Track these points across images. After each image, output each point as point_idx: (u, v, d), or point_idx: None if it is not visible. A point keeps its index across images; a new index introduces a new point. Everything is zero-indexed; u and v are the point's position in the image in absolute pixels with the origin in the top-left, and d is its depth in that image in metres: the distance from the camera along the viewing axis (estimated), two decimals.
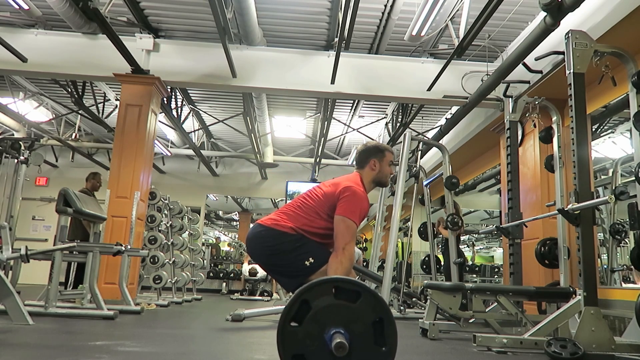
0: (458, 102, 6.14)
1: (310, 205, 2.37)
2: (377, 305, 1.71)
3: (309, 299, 1.69)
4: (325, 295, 1.70)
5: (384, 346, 1.69)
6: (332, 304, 1.69)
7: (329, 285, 1.72)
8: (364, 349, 1.65)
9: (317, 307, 1.68)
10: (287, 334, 1.67)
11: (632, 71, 3.50)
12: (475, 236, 19.73)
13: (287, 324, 1.67)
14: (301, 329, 1.67)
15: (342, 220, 2.26)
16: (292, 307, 1.68)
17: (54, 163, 11.44)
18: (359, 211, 2.31)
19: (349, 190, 2.33)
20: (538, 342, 3.03)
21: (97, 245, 4.57)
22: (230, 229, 22.40)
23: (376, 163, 2.49)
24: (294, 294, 1.72)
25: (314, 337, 1.66)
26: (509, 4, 5.04)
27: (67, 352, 2.39)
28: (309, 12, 5.74)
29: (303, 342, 1.66)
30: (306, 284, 1.75)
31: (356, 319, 1.67)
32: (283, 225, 2.31)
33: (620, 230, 5.30)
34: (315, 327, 1.66)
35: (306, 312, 1.68)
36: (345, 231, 2.24)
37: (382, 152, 2.52)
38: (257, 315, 4.71)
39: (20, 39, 5.94)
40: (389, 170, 2.55)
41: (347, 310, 1.68)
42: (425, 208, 7.08)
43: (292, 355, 1.66)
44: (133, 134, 5.81)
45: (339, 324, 1.65)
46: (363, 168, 2.51)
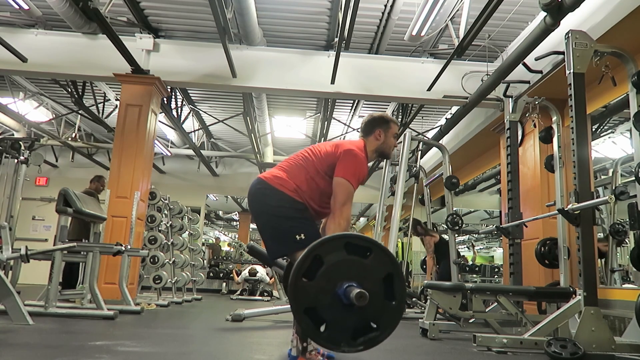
0: (458, 102, 6.14)
1: (312, 160, 2.36)
2: (387, 261, 1.76)
3: (322, 254, 1.72)
4: (337, 251, 1.73)
5: (394, 300, 1.74)
6: (344, 259, 1.73)
7: (340, 241, 1.76)
8: (375, 303, 1.69)
9: (330, 263, 1.72)
10: (299, 288, 1.70)
11: (632, 71, 3.50)
12: (475, 236, 19.72)
13: (300, 279, 1.70)
14: (313, 283, 1.70)
15: (340, 182, 2.26)
16: (304, 262, 1.71)
17: (54, 163, 11.44)
18: (357, 174, 2.30)
19: (350, 152, 2.32)
20: (538, 342, 3.03)
21: (97, 245, 4.58)
22: (230, 229, 22.39)
23: (381, 133, 2.49)
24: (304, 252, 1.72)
25: (326, 291, 1.70)
26: (509, 4, 5.04)
27: (67, 352, 2.39)
28: (309, 12, 5.74)
29: (315, 296, 1.71)
30: (319, 240, 1.78)
31: (367, 274, 1.71)
32: (287, 188, 2.29)
33: (620, 230, 5.29)
34: (328, 281, 1.70)
35: (318, 267, 1.71)
36: (343, 193, 2.24)
37: (387, 124, 2.52)
38: (257, 315, 4.71)
39: (20, 39, 5.94)
40: (393, 142, 2.55)
41: (359, 265, 1.72)
42: (425, 208, 7.10)
43: (305, 309, 1.70)
44: (133, 134, 5.81)
45: (350, 278, 1.69)
46: (368, 137, 2.51)
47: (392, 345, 3.47)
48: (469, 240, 21.07)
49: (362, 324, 1.72)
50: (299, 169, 2.35)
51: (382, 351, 3.17)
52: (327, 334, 1.70)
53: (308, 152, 2.42)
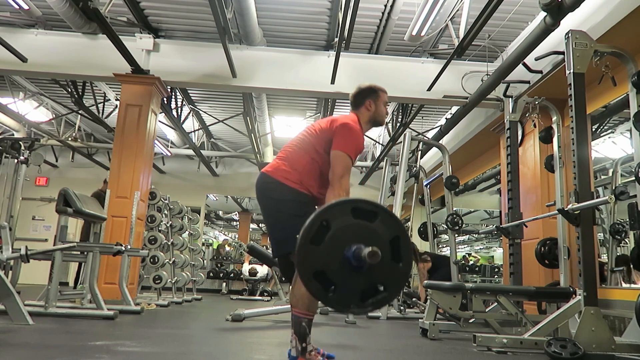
0: (458, 102, 6.14)
1: (310, 141, 2.37)
2: (393, 224, 1.80)
3: (329, 219, 1.75)
4: (344, 215, 1.77)
5: (401, 262, 1.78)
6: (351, 223, 1.76)
7: (347, 206, 1.79)
8: (382, 265, 1.72)
9: (337, 227, 1.75)
10: (307, 253, 1.73)
11: (632, 71, 3.50)
12: (475, 236, 19.72)
13: (307, 244, 1.73)
14: (321, 248, 1.73)
15: (337, 154, 2.27)
16: (311, 227, 1.74)
17: (54, 163, 11.44)
18: (354, 146, 2.31)
19: (346, 125, 2.34)
20: (538, 342, 3.03)
21: (97, 245, 4.58)
22: (230, 229, 22.39)
23: (372, 103, 2.51)
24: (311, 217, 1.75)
25: (334, 254, 1.73)
26: (509, 4, 5.04)
27: (67, 352, 2.39)
28: (309, 12, 5.74)
29: (324, 259, 1.73)
30: (325, 205, 1.81)
31: (374, 237, 1.73)
32: (291, 180, 2.29)
33: (620, 230, 5.29)
34: (336, 245, 1.73)
35: (325, 232, 1.74)
36: (340, 165, 2.25)
37: (376, 93, 2.54)
38: (257, 315, 4.71)
39: (20, 39, 5.94)
40: (385, 110, 2.58)
41: (366, 229, 1.75)
42: (425, 208, 7.10)
43: (314, 273, 1.72)
44: (133, 134, 5.81)
45: (358, 242, 1.71)
46: (359, 109, 2.52)
47: (392, 345, 3.48)
48: (470, 241, 21.07)
49: (370, 286, 1.76)
50: (300, 153, 2.36)
51: (382, 351, 3.17)
52: (336, 297, 1.74)
53: (305, 133, 2.44)
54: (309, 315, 2.15)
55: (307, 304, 2.14)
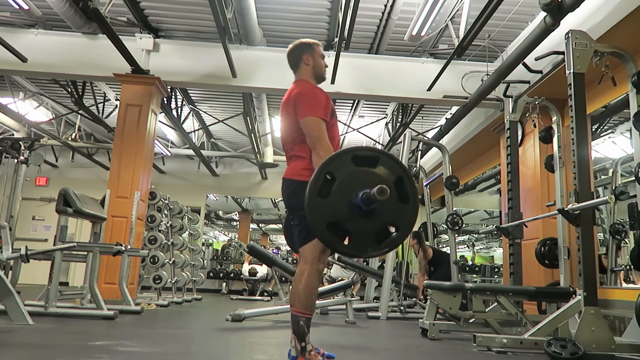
0: (458, 102, 6.14)
1: (292, 128, 2.35)
2: (395, 166, 1.84)
3: (332, 171, 1.79)
4: (346, 165, 1.81)
5: (407, 202, 1.82)
6: (355, 171, 1.80)
7: (348, 155, 1.83)
8: (391, 206, 1.77)
9: (341, 177, 1.79)
10: (316, 206, 1.76)
11: (632, 71, 3.50)
12: (475, 236, 19.72)
13: (315, 198, 1.76)
14: (330, 199, 1.77)
15: (305, 122, 2.23)
16: (317, 180, 1.78)
17: (54, 163, 11.43)
18: (316, 104, 2.26)
19: (299, 93, 2.33)
20: (538, 342, 3.03)
21: (97, 245, 4.58)
22: (230, 229, 22.39)
23: (309, 58, 2.52)
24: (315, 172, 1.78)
25: (343, 204, 1.77)
26: (509, 4, 5.04)
27: (67, 352, 2.39)
28: (309, 12, 5.74)
29: (334, 210, 1.77)
30: (326, 159, 1.83)
31: (379, 181, 1.75)
32: (301, 174, 2.23)
33: (620, 230, 5.29)
34: (343, 194, 1.77)
35: (331, 184, 1.78)
36: (312, 129, 2.20)
37: (310, 46, 2.55)
38: (257, 315, 4.71)
39: (20, 39, 5.94)
40: (323, 63, 2.57)
41: (370, 174, 1.79)
42: (425, 208, 7.10)
43: (327, 224, 1.76)
44: (133, 134, 5.81)
45: (364, 188, 1.74)
46: (299, 69, 2.53)
47: (392, 345, 3.48)
48: (469, 240, 21.06)
49: (382, 228, 1.80)
50: (296, 143, 2.34)
51: (383, 351, 3.17)
52: (352, 244, 1.79)
53: (284, 128, 2.42)
54: (307, 314, 2.15)
55: (304, 303, 2.13)
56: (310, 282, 2.15)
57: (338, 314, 5.97)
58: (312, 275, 2.16)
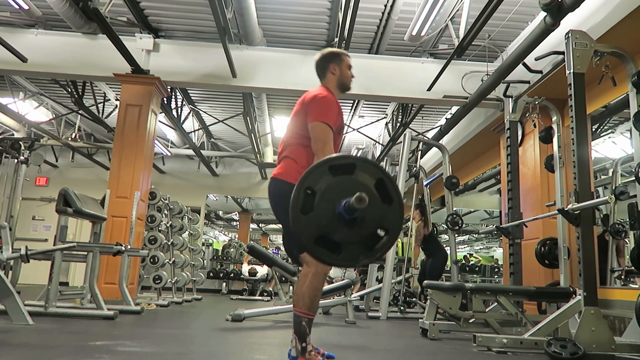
0: (458, 102, 6.14)
1: (295, 130, 2.36)
2: (373, 170, 1.82)
3: (311, 185, 1.77)
4: (324, 176, 1.79)
5: (392, 202, 1.80)
6: (333, 181, 1.78)
7: (323, 167, 1.81)
8: (375, 211, 1.75)
9: (321, 190, 1.77)
10: (302, 223, 1.75)
11: (632, 71, 3.50)
12: (475, 236, 19.72)
13: (299, 215, 1.75)
14: (314, 214, 1.75)
15: (314, 125, 2.26)
16: (297, 198, 1.76)
17: (54, 163, 11.43)
18: (329, 112, 2.29)
19: (314, 98, 2.34)
20: (538, 342, 3.03)
21: (97, 245, 4.57)
22: (230, 229, 22.39)
23: (335, 67, 2.50)
24: (295, 186, 1.76)
25: (328, 216, 1.75)
26: (509, 4, 5.04)
27: (67, 352, 2.39)
28: (309, 12, 5.74)
29: (320, 224, 1.75)
30: (303, 174, 1.81)
31: (359, 187, 1.74)
32: (293, 176, 2.22)
33: (620, 230, 5.29)
34: (326, 207, 1.75)
35: (312, 198, 1.76)
36: (320, 134, 2.23)
37: (338, 56, 2.53)
38: (257, 315, 4.71)
39: (20, 39, 5.94)
40: (349, 74, 2.57)
41: (348, 182, 1.78)
42: (426, 208, 7.08)
43: (315, 240, 1.74)
44: (133, 134, 5.81)
45: (345, 196, 1.73)
46: (325, 76, 2.52)
47: (392, 346, 3.48)
48: (469, 241, 21.07)
49: (370, 233, 1.78)
50: (294, 145, 2.35)
51: (383, 351, 3.17)
52: (343, 255, 1.77)
53: (290, 127, 2.43)
54: (310, 315, 2.15)
55: (307, 304, 2.14)
56: (315, 283, 2.15)
57: (337, 314, 5.97)
58: (317, 277, 2.16)
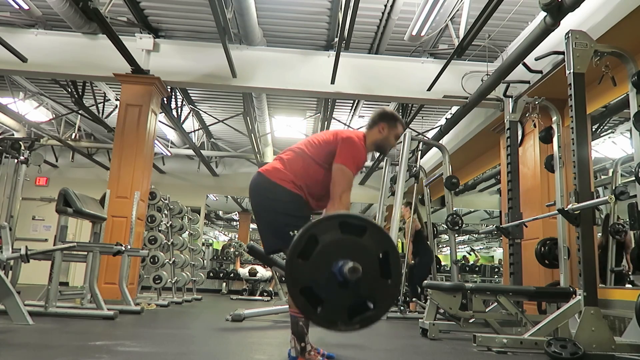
0: (458, 102, 6.14)
1: (309, 151, 2.37)
2: (382, 240, 1.76)
3: (317, 234, 1.72)
4: (332, 230, 1.73)
5: (389, 278, 1.73)
6: (339, 238, 1.73)
7: (335, 221, 1.76)
8: (370, 281, 1.68)
9: (325, 242, 1.71)
10: (295, 268, 1.70)
11: (632, 71, 3.50)
12: (475, 236, 19.72)
13: (295, 259, 1.70)
14: (309, 263, 1.70)
15: (339, 168, 2.26)
16: (300, 242, 1.71)
17: (54, 163, 11.43)
18: (357, 160, 2.31)
19: (349, 139, 2.33)
20: (538, 342, 3.03)
21: (97, 245, 4.57)
22: (230, 229, 22.39)
23: (385, 128, 2.48)
24: (299, 232, 1.73)
25: (322, 270, 1.69)
26: (509, 4, 5.04)
27: (67, 352, 2.39)
28: (309, 12, 5.74)
29: (312, 275, 1.70)
30: (314, 220, 1.78)
31: (363, 253, 1.70)
32: (285, 180, 2.30)
33: (620, 230, 5.29)
34: (323, 260, 1.69)
35: (314, 247, 1.71)
36: (342, 179, 2.25)
37: (394, 121, 2.51)
38: (257, 315, 4.71)
39: (20, 39, 5.94)
40: (393, 142, 2.55)
41: (354, 244, 1.72)
42: (425, 208, 7.09)
43: (301, 289, 1.69)
44: (133, 134, 5.81)
45: (346, 257, 1.68)
46: (371, 128, 2.51)
47: (392, 345, 3.48)
48: (469, 241, 21.06)
49: (358, 303, 1.72)
50: (297, 159, 2.37)
51: (383, 351, 3.17)
52: (323, 314, 1.70)
53: (306, 143, 2.43)
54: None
55: None
56: None
57: None
58: None
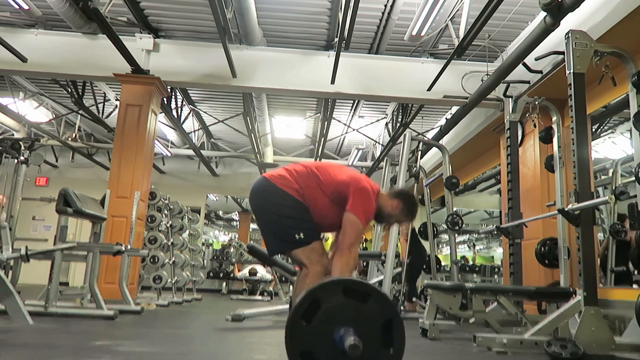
0: (458, 102, 6.14)
1: (321, 178, 2.34)
2: (386, 307, 1.72)
3: (320, 298, 1.70)
4: (335, 295, 1.71)
5: (391, 347, 1.70)
6: (342, 303, 1.70)
7: (339, 286, 1.74)
8: (371, 350, 1.65)
9: (327, 306, 1.69)
10: (296, 331, 1.67)
11: (632, 71, 3.50)
12: (475, 236, 19.72)
13: (297, 321, 1.67)
14: (310, 326, 1.67)
15: (352, 220, 2.25)
16: (302, 304, 1.69)
17: (54, 163, 11.43)
18: (367, 214, 2.31)
19: (364, 191, 2.31)
20: (538, 342, 3.03)
21: (97, 245, 4.57)
22: (230, 229, 22.40)
23: (398, 208, 2.45)
24: (302, 295, 1.71)
25: (323, 335, 1.67)
26: (509, 4, 5.04)
27: (67, 352, 2.39)
28: (309, 12, 5.74)
29: (312, 339, 1.67)
30: (318, 284, 1.76)
31: (365, 320, 1.67)
32: (290, 187, 2.30)
33: (620, 230, 5.29)
34: (325, 325, 1.67)
35: (316, 310, 1.68)
36: (353, 232, 2.24)
37: (410, 212, 2.47)
38: (257, 315, 4.71)
39: (20, 39, 5.94)
40: (392, 222, 2.53)
41: (357, 310, 1.69)
42: (425, 208, 7.09)
43: (300, 352, 1.66)
44: (133, 134, 5.81)
45: (348, 323, 1.66)
46: (389, 196, 2.48)
47: None
48: (470, 241, 21.05)
49: None
50: (307, 177, 2.35)
51: None
52: None
53: (319, 167, 2.40)
54: None
55: None
56: (313, 283, 2.16)
57: None
58: (314, 277, 2.18)
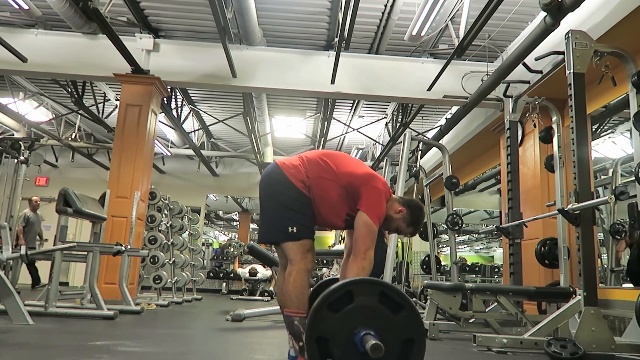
0: (458, 102, 6.14)
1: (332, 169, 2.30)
2: (414, 324, 1.70)
3: (354, 292, 1.69)
4: (371, 295, 1.70)
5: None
6: (374, 306, 1.69)
7: (377, 287, 1.72)
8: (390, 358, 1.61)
9: (359, 304, 1.68)
10: (320, 316, 1.67)
11: (632, 71, 3.50)
12: (476, 236, 19.72)
13: (324, 308, 1.67)
14: (336, 316, 1.67)
15: (365, 223, 2.21)
16: (334, 293, 1.68)
17: (54, 163, 11.44)
18: (380, 216, 2.27)
19: (378, 191, 2.27)
20: (538, 342, 3.03)
21: (97, 245, 4.57)
22: (230, 229, 22.40)
23: (401, 213, 2.39)
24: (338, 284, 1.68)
25: (344, 329, 1.66)
26: (509, 4, 5.04)
27: (67, 352, 2.39)
28: (309, 12, 5.74)
29: (333, 329, 1.66)
30: (356, 278, 1.75)
31: (390, 331, 1.65)
32: (298, 178, 2.27)
33: (620, 230, 5.29)
34: (350, 321, 1.66)
35: (346, 303, 1.68)
36: (367, 236, 2.20)
37: (415, 222, 2.43)
38: (257, 315, 4.71)
39: (20, 39, 5.94)
40: (392, 228, 2.47)
41: (386, 319, 1.67)
42: (425, 208, 7.09)
43: (317, 337, 1.65)
44: (133, 134, 5.81)
45: (372, 327, 1.64)
46: (398, 201, 2.42)
47: None
48: (469, 241, 21.06)
49: None
50: (317, 167, 2.32)
51: None
52: None
53: (329, 160, 2.35)
54: (300, 313, 2.14)
55: (296, 303, 2.13)
56: (299, 281, 2.15)
57: None
58: (299, 274, 2.16)
